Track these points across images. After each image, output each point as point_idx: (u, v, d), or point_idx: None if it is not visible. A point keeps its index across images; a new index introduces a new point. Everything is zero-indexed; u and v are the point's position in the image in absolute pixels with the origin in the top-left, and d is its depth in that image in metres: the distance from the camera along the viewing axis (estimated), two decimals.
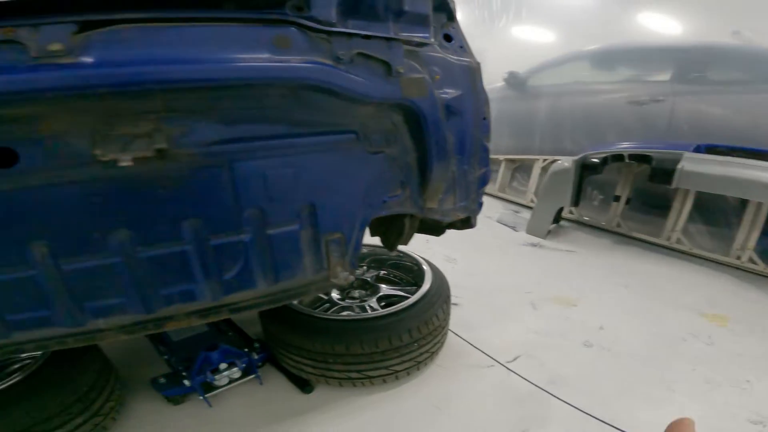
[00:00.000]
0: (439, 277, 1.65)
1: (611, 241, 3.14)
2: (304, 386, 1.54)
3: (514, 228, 3.54)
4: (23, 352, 0.77)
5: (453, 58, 0.93)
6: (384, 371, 1.46)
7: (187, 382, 1.41)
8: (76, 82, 0.61)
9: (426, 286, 1.57)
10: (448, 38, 0.97)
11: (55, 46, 0.60)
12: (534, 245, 3.17)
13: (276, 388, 1.60)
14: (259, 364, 1.57)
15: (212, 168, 0.75)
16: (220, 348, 1.42)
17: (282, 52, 0.71)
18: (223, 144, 0.74)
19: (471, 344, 1.80)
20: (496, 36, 4.74)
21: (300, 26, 0.73)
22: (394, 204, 0.96)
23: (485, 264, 2.75)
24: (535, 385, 1.57)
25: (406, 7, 0.83)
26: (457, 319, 1.69)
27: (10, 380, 1.18)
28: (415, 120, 0.88)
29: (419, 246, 1.88)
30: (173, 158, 0.71)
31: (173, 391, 1.46)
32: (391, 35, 0.81)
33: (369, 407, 1.51)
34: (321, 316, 1.45)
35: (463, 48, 1.00)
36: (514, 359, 1.72)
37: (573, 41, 3.88)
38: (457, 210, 1.06)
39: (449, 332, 1.78)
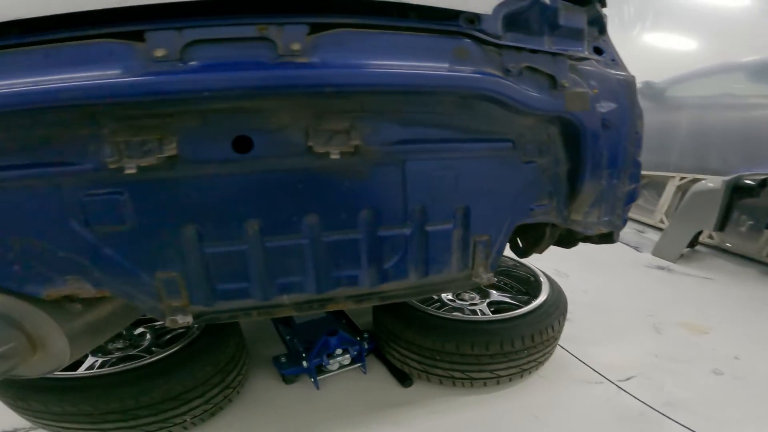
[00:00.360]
0: (557, 290, 1.68)
1: (758, 272, 2.86)
2: (405, 380, 1.61)
3: (637, 248, 3.37)
4: (215, 322, 0.89)
5: (609, 71, 0.95)
6: (488, 374, 1.49)
7: (305, 363, 1.53)
8: (311, 81, 0.70)
9: (543, 296, 1.60)
10: (599, 51, 1.00)
11: (296, 46, 0.69)
12: (661, 268, 2.99)
13: (377, 378, 1.68)
14: (366, 353, 1.66)
15: (389, 165, 0.84)
16: (338, 334, 1.53)
17: (461, 62, 0.78)
18: (399, 144, 0.83)
19: (579, 359, 1.77)
20: (629, 44, 4.43)
21: (474, 38, 0.79)
22: (539, 213, 1.00)
23: (601, 282, 2.65)
24: (649, 406, 1.51)
25: (562, 22, 0.87)
26: (566, 333, 1.68)
27: (171, 349, 1.37)
28: (573, 133, 0.91)
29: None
30: (362, 154, 0.80)
31: (291, 371, 1.59)
32: (555, 50, 0.85)
33: (466, 408, 1.54)
34: (438, 314, 1.50)
35: (615, 61, 1.02)
36: (627, 379, 1.67)
37: (722, 51, 3.53)
38: (600, 224, 1.07)
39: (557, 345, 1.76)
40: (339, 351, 1.55)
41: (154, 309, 0.83)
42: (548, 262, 1.82)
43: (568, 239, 1.19)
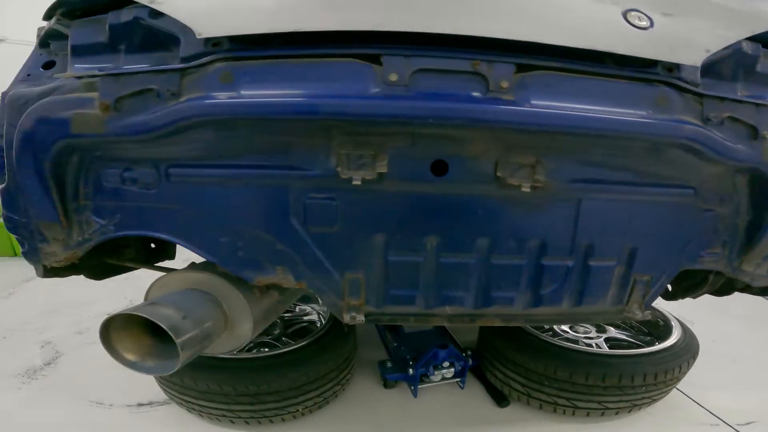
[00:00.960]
0: (689, 334, 1.64)
1: None
2: (501, 400, 1.61)
3: None
4: (378, 323, 0.96)
5: None
6: (595, 405, 1.46)
7: (411, 371, 1.58)
8: (515, 118, 0.75)
9: (674, 338, 1.57)
10: None
11: (505, 83, 0.74)
12: None
13: (473, 395, 1.70)
14: (470, 366, 1.69)
15: (565, 201, 0.88)
16: (449, 348, 1.57)
17: (661, 110, 0.79)
18: (579, 182, 0.86)
19: (694, 400, 1.68)
20: None
21: (674, 86, 0.80)
22: (708, 260, 0.99)
23: (732, 331, 2.44)
24: None
25: (760, 69, 0.85)
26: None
27: (303, 341, 1.48)
28: (763, 185, 0.89)
29: None
30: (542, 188, 0.84)
31: (394, 376, 1.65)
32: (756, 99, 0.83)
33: None
34: (555, 341, 1.51)
35: None
36: (748, 423, 1.56)
37: None
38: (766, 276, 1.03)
39: None
40: (446, 364, 1.58)
41: (335, 305, 0.92)
42: (670, 306, 1.74)
43: (725, 288, 1.15)
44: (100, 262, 1.17)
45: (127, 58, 0.85)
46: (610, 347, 1.64)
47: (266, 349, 1.59)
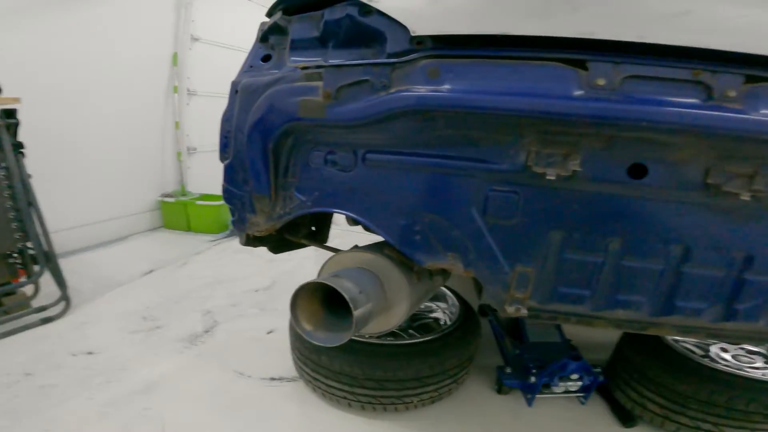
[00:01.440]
0: None
1: None
2: (627, 420, 1.49)
3: None
4: (536, 319, 0.93)
5: None
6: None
7: (533, 378, 1.52)
8: (740, 126, 0.70)
9: None
10: None
11: (732, 93, 0.70)
12: None
13: (594, 412, 1.58)
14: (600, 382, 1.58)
15: None
16: (582, 360, 1.48)
17: None
18: None
19: None
20: None
21: None
22: None
23: None
24: None
25: None
26: None
27: (429, 336, 1.51)
28: None
29: None
30: (762, 199, 0.76)
31: (512, 383, 1.60)
32: None
33: None
34: (712, 365, 1.36)
35: None
36: None
37: None
38: None
39: None
40: (574, 376, 1.49)
41: (497, 296, 0.92)
42: None
43: None
44: (281, 238, 1.34)
45: (333, 53, 0.94)
46: None
47: (391, 338, 1.65)
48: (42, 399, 1.53)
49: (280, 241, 1.40)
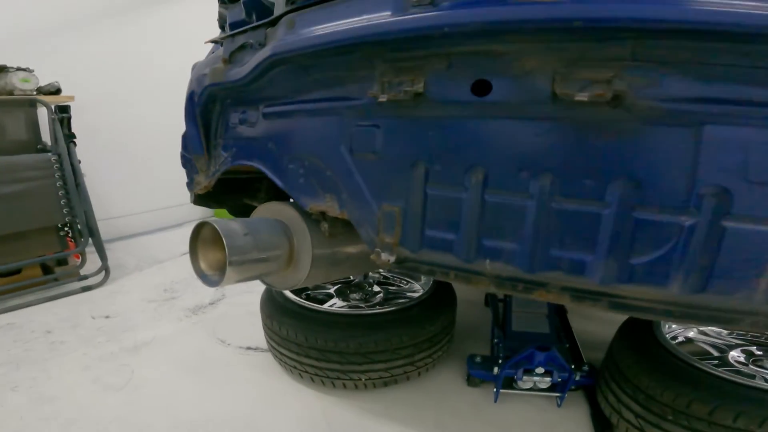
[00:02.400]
0: None
1: None
2: (605, 429, 1.24)
3: None
4: (415, 272, 0.82)
5: None
6: None
7: (496, 370, 1.33)
8: (560, 16, 0.56)
9: None
10: None
11: None
12: None
13: (570, 417, 1.35)
14: (573, 387, 1.32)
15: (673, 127, 0.57)
16: (550, 351, 1.26)
17: None
18: (695, 103, 0.56)
19: None
20: None
21: None
22: None
23: None
24: None
25: None
26: None
27: (377, 309, 1.47)
28: None
29: None
30: (629, 108, 0.58)
31: (478, 373, 1.43)
32: None
33: None
34: (702, 366, 1.06)
35: None
36: None
37: None
38: None
39: None
40: (541, 370, 1.27)
41: (372, 241, 0.85)
42: None
43: None
44: (241, 202, 1.51)
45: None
46: None
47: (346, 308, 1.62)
48: (47, 352, 1.77)
49: (242, 206, 1.54)
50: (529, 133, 0.66)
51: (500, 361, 1.34)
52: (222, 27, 1.25)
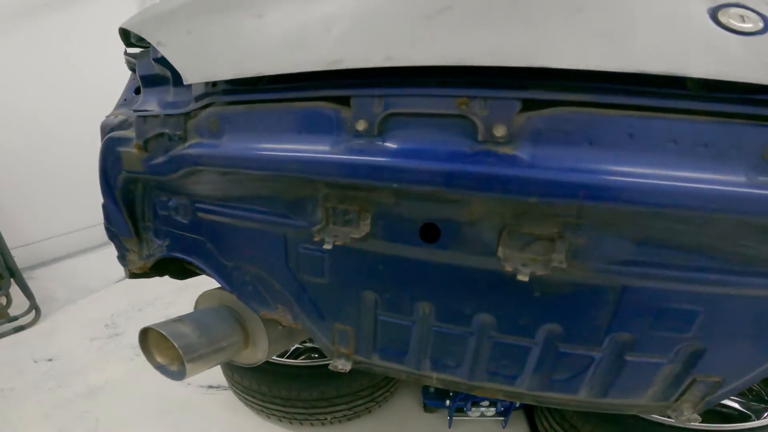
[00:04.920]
0: None
1: None
2: None
3: None
4: (370, 372, 0.99)
5: None
6: None
7: (448, 402, 1.58)
8: (513, 187, 0.60)
9: None
10: None
11: (500, 131, 0.59)
12: None
13: None
14: (515, 409, 1.61)
15: (601, 287, 0.71)
16: None
17: None
18: (624, 265, 0.66)
19: None
20: None
21: None
22: None
23: None
24: None
25: None
26: None
27: None
28: None
29: None
30: (566, 270, 0.67)
31: (433, 402, 1.68)
32: None
33: None
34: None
35: None
36: None
37: None
38: None
39: None
40: (486, 402, 1.54)
41: (327, 349, 0.98)
42: None
43: None
44: (182, 267, 1.35)
45: (174, 91, 0.93)
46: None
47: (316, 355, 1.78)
48: (1, 401, 1.79)
49: (182, 270, 1.41)
50: (476, 279, 0.78)
51: (451, 394, 1.60)
52: (132, 69, 1.13)
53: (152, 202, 1.11)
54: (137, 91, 1.14)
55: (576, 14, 0.57)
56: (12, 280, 2.44)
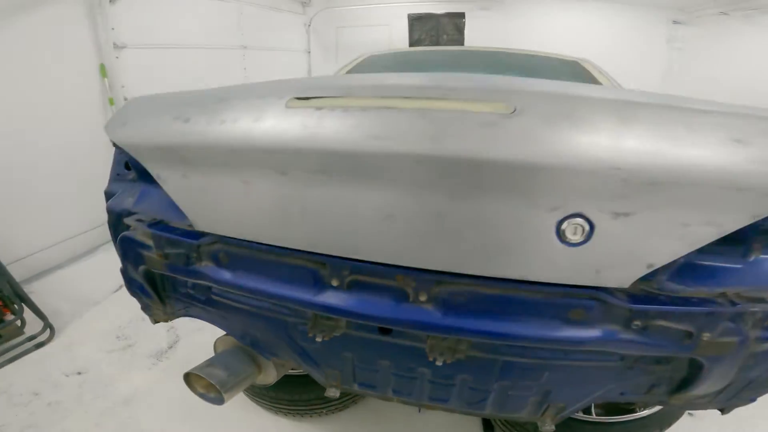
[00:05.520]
0: None
1: None
2: (487, 428, 2.20)
3: None
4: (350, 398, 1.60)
5: None
6: None
7: None
8: (428, 327, 1.05)
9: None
10: None
11: (423, 297, 1.00)
12: None
13: (469, 419, 2.28)
14: None
15: (490, 359, 1.18)
16: None
17: (578, 322, 0.98)
18: (501, 354, 1.17)
19: None
20: None
21: (599, 300, 0.95)
22: (633, 397, 1.23)
23: None
24: None
25: None
26: None
27: None
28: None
29: None
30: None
31: None
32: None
33: None
34: None
35: None
36: None
37: None
38: (710, 404, 1.20)
39: None
40: None
41: (322, 382, 1.51)
42: None
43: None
44: None
45: None
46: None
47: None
48: (53, 414, 2.26)
49: None
50: (418, 353, 1.26)
51: None
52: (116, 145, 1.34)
53: (173, 282, 1.43)
54: (126, 166, 1.43)
55: (467, 240, 0.95)
56: (23, 305, 2.78)
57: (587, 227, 0.85)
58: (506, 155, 0.82)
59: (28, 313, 2.83)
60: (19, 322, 2.77)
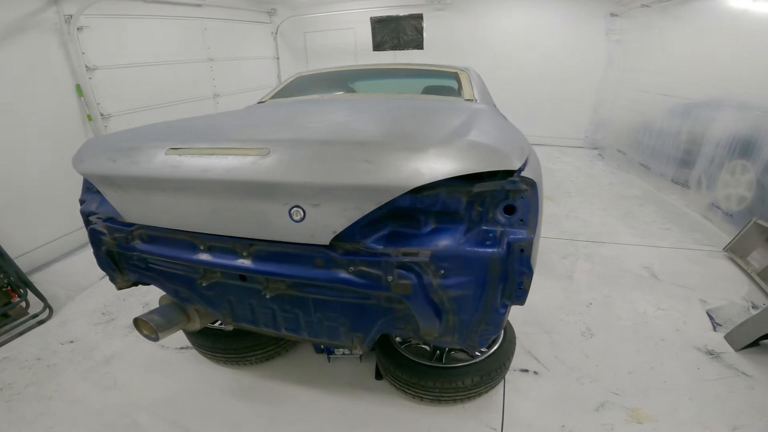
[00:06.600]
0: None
1: None
2: (378, 377, 2.87)
3: (716, 326, 3.12)
4: (274, 349, 2.41)
5: (472, 249, 1.51)
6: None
7: (322, 346, 2.96)
8: (243, 268, 1.83)
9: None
10: (511, 210, 1.51)
11: (245, 252, 1.75)
12: (709, 354, 2.90)
13: (366, 367, 3.02)
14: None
15: (303, 297, 1.88)
16: None
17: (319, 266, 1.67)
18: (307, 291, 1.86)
19: None
20: None
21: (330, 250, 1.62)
22: (399, 332, 1.86)
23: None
24: None
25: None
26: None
27: None
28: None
29: None
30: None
31: (318, 347, 3.03)
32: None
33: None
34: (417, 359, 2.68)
35: (524, 221, 1.51)
36: None
37: None
38: (454, 343, 1.81)
39: None
40: (341, 351, 2.91)
41: (222, 319, 2.24)
42: None
43: None
44: None
45: None
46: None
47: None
48: (50, 372, 3.02)
49: None
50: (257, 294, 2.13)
51: None
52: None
53: (125, 257, 2.18)
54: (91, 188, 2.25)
55: (250, 220, 1.71)
56: (27, 289, 3.54)
57: (303, 212, 1.54)
58: (262, 177, 1.53)
59: (31, 297, 3.61)
60: (24, 304, 3.53)
